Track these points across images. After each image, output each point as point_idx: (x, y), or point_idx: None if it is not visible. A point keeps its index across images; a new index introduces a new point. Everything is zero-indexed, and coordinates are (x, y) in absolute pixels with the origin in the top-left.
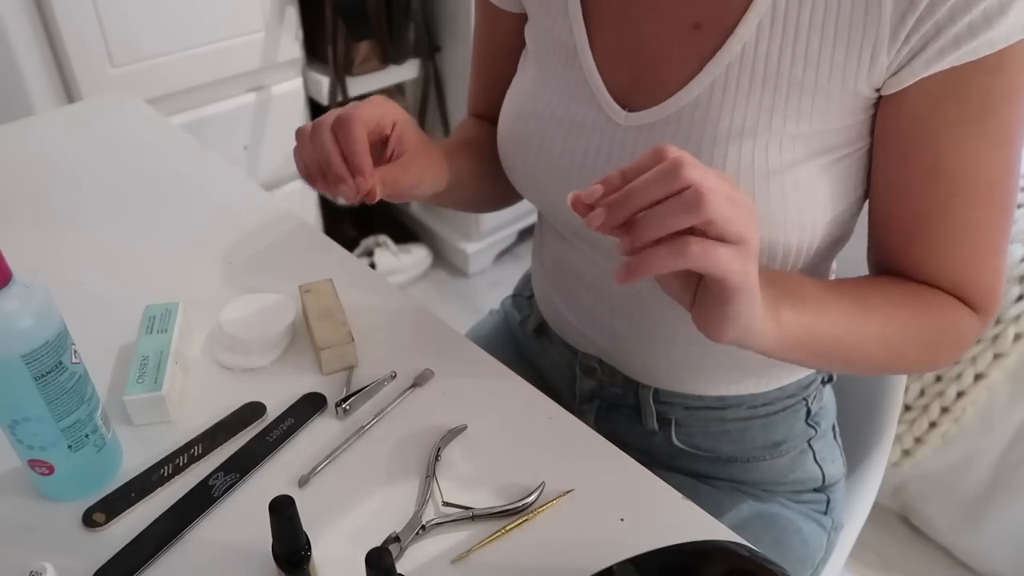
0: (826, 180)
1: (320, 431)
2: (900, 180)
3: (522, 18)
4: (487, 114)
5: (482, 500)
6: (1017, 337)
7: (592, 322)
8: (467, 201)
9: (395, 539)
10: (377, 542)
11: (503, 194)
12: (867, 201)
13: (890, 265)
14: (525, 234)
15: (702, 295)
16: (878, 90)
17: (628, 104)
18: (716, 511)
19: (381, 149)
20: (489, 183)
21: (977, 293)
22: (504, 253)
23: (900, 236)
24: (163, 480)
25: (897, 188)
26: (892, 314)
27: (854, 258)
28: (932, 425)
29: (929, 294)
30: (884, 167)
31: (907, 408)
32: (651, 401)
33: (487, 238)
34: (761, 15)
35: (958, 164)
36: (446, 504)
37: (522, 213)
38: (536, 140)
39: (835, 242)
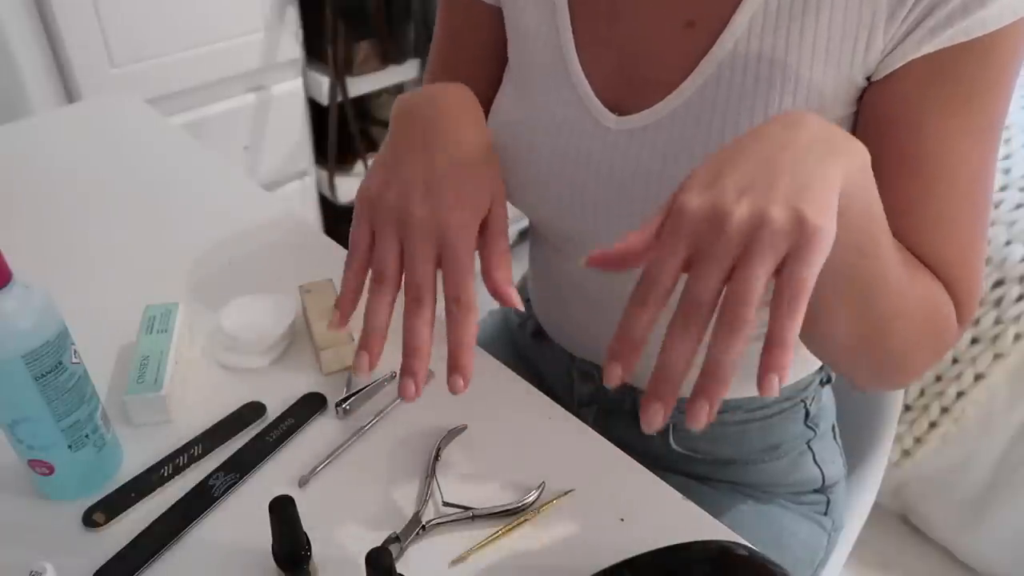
0: None
1: (320, 431)
2: (880, 166)
3: (498, 12)
4: None
5: (482, 500)
6: (1017, 337)
7: (588, 329)
8: None
9: (395, 539)
10: (377, 542)
11: None
12: None
13: None
14: (525, 234)
15: None
16: (869, 77)
17: (617, 107)
18: (715, 512)
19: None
20: None
21: (956, 292)
22: None
23: None
24: (163, 480)
25: (877, 175)
26: (907, 264)
27: None
28: (932, 425)
29: (929, 272)
30: None
31: (907, 408)
32: None
33: None
34: (753, 10)
35: (940, 153)
36: (446, 504)
37: (521, 213)
38: (524, 148)
39: None
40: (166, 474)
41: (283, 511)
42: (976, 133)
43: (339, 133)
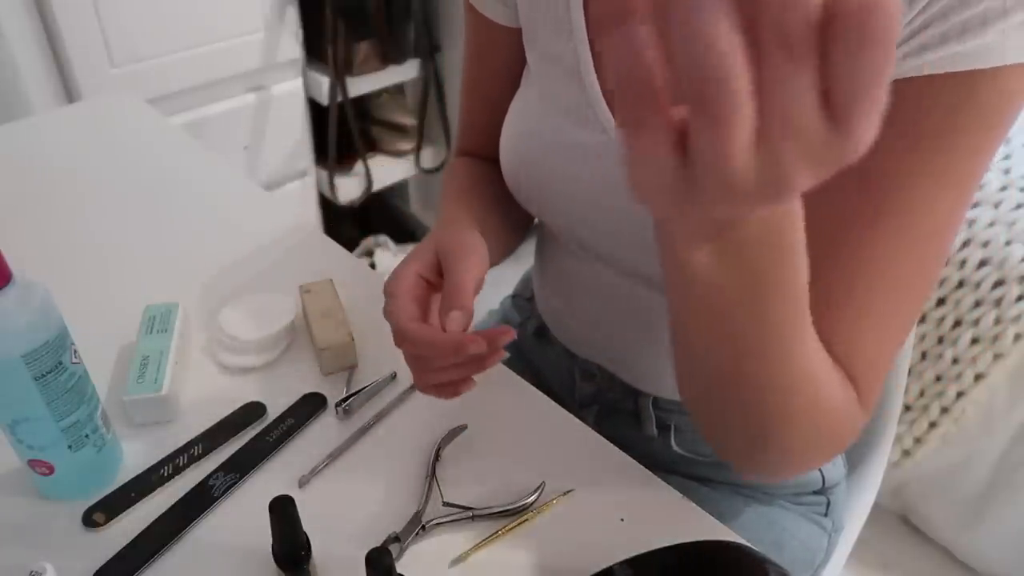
0: None
1: (320, 431)
2: (825, 184)
3: (517, 32)
4: (482, 148)
5: (482, 500)
6: (1017, 337)
7: (595, 331)
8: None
9: (395, 539)
10: (377, 542)
11: (527, 226)
12: None
13: None
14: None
15: None
16: None
17: None
18: (716, 513)
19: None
20: (513, 226)
21: (860, 375)
22: None
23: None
24: (163, 480)
25: (818, 194)
26: (813, 345)
27: None
28: (932, 425)
29: (838, 373)
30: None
31: (907, 408)
32: (650, 408)
33: None
34: None
35: (902, 191)
36: (446, 504)
37: None
38: (539, 161)
39: None
40: (166, 474)
41: (283, 511)
42: (941, 182)
43: (339, 133)
